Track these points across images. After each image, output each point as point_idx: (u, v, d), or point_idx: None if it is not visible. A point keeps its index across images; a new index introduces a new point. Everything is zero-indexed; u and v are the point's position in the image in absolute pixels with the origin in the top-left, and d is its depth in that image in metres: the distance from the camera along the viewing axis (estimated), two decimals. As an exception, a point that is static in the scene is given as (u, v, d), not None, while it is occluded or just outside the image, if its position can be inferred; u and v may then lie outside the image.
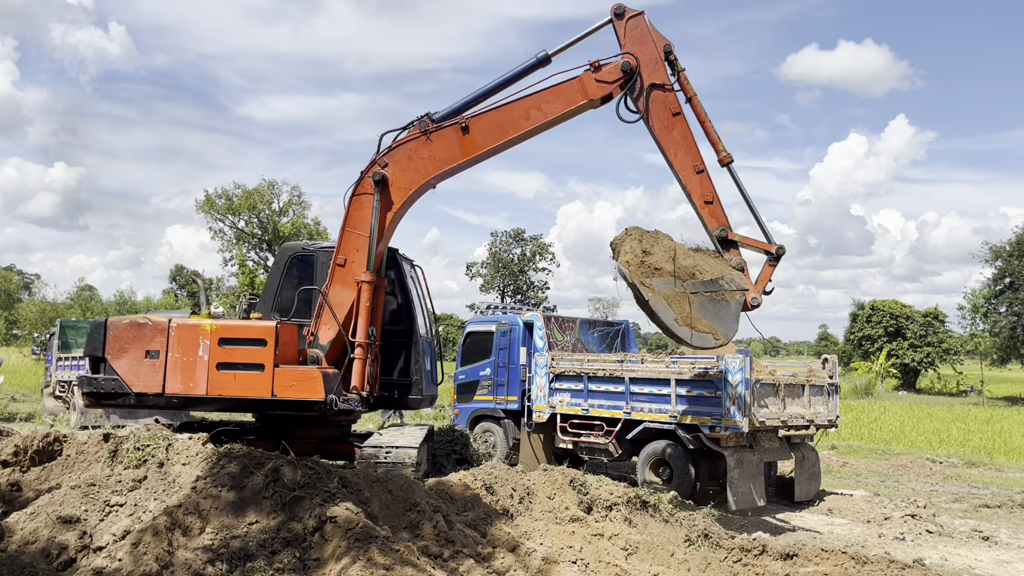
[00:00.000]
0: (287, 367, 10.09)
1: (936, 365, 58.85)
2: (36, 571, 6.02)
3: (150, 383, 10.09)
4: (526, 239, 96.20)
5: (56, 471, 7.96)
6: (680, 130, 10.15)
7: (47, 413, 24.38)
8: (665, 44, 10.13)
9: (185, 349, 10.13)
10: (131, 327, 10.21)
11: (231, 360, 10.09)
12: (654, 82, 10.05)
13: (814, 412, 13.44)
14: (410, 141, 10.40)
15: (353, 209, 10.62)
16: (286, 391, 9.98)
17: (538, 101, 10.14)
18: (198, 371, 10.10)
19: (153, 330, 10.19)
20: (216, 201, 65.70)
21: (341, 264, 10.65)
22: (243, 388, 10.08)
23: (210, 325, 10.22)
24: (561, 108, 10.13)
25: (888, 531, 11.54)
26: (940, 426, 27.70)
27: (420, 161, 10.42)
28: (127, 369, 10.08)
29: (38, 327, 59.12)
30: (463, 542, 6.93)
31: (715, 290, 9.76)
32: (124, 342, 10.15)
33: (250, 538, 6.29)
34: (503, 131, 10.18)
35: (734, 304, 9.84)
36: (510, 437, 16.21)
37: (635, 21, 10.19)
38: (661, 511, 9.50)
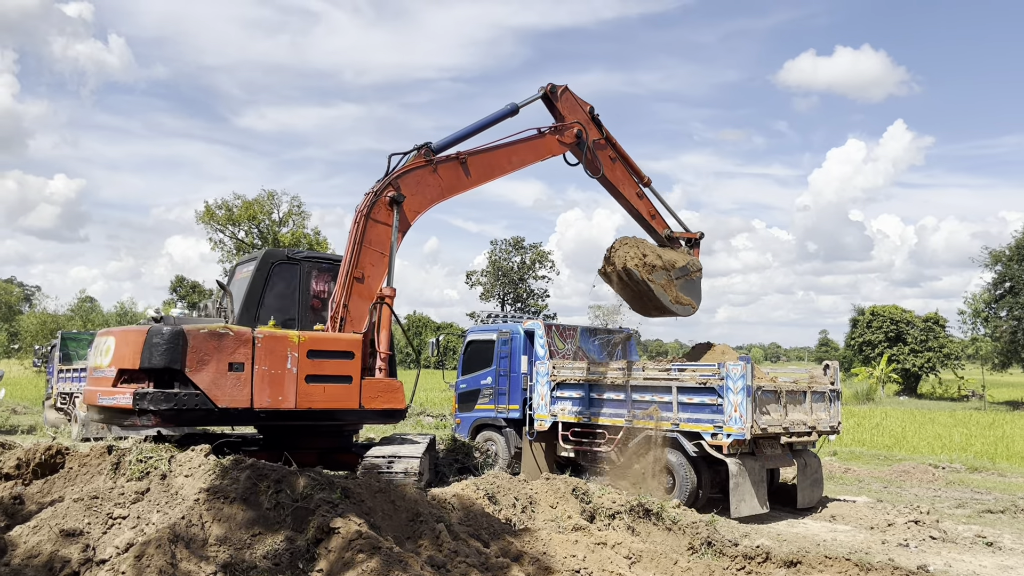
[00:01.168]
0: (371, 378, 10.30)
1: (937, 370, 58.83)
2: (39, 585, 6.01)
3: (237, 397, 9.56)
4: (526, 247, 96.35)
5: (59, 484, 7.96)
6: (620, 169, 13.45)
7: (49, 425, 24.37)
8: (589, 108, 13.14)
9: (273, 362, 9.75)
10: (211, 337, 9.53)
11: (320, 372, 10.00)
12: (594, 139, 13.03)
13: (816, 418, 13.44)
14: (417, 168, 11.41)
15: (370, 228, 11.01)
16: (372, 402, 10.23)
17: (518, 150, 12.42)
18: (287, 384, 9.79)
19: (236, 341, 9.64)
20: (216, 212, 65.82)
21: (359, 278, 10.84)
22: (332, 400, 10.06)
23: (298, 337, 10.01)
24: (532, 159, 12.73)
25: (892, 537, 11.51)
26: (942, 431, 27.67)
27: (427, 188, 11.51)
28: (210, 383, 9.41)
29: (39, 339, 59.07)
30: (466, 552, 6.92)
31: (686, 274, 13.44)
32: (205, 353, 9.45)
33: (253, 550, 6.28)
34: (491, 170, 12.25)
35: (698, 281, 13.74)
36: (512, 446, 16.19)
37: (566, 96, 12.91)
38: (664, 519, 9.49)
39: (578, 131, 12.76)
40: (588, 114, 13.03)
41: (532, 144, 12.57)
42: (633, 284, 12.76)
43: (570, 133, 12.79)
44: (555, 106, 12.82)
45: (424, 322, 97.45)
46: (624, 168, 13.45)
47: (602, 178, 13.21)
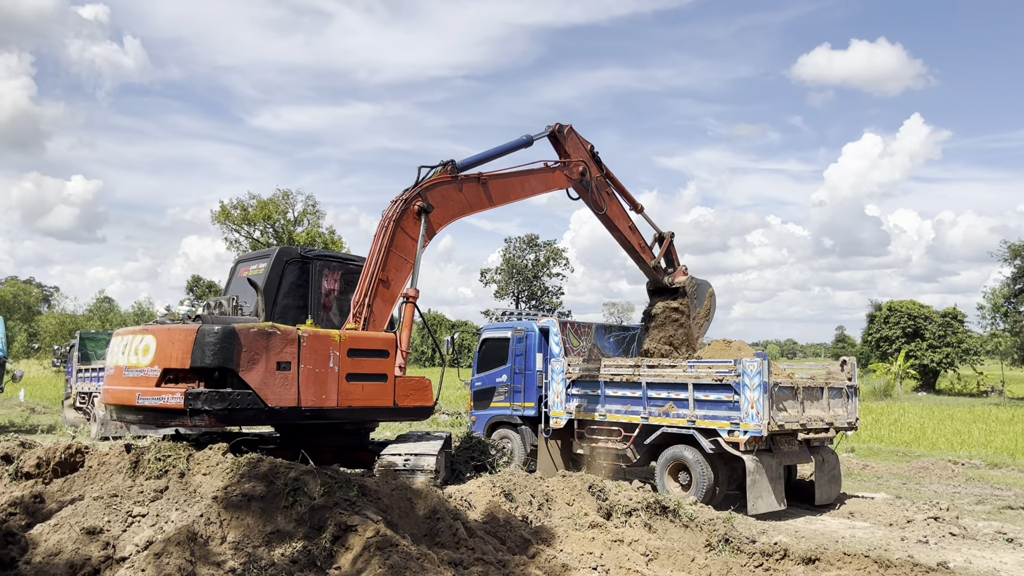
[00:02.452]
0: (404, 377, 10.49)
1: (955, 366, 58.31)
2: (60, 582, 6.07)
3: (284, 396, 9.56)
4: (540, 245, 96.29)
5: (78, 482, 8.03)
6: (615, 203, 14.61)
7: (68, 424, 24.60)
8: (590, 146, 14.24)
9: (317, 360, 9.80)
10: (261, 336, 9.52)
11: (360, 371, 10.14)
12: (595, 176, 14.07)
13: (833, 415, 13.36)
14: (444, 184, 12.03)
15: (399, 235, 11.26)
16: (406, 400, 10.43)
17: (530, 180, 13.42)
18: (329, 382, 9.87)
19: (283, 340, 9.61)
20: (231, 212, 66.21)
21: (384, 281, 10.98)
22: (370, 398, 10.22)
23: (339, 335, 10.06)
24: (542, 190, 13.81)
25: (911, 534, 11.43)
26: (961, 427, 27.44)
27: (451, 203, 12.19)
28: (260, 382, 9.42)
29: (58, 339, 59.65)
30: (483, 549, 6.92)
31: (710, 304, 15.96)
32: (255, 352, 9.44)
33: (271, 548, 6.31)
34: (505, 195, 13.12)
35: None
36: (527, 444, 16.19)
37: (571, 135, 13.89)
38: (681, 516, 9.47)
39: (583, 169, 13.79)
40: (589, 152, 14.14)
41: (543, 176, 13.63)
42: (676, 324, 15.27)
43: (576, 170, 13.83)
44: (560, 144, 13.82)
45: (439, 320, 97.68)
46: (619, 204, 14.66)
47: (603, 216, 14.32)
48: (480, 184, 12.56)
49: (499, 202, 13.02)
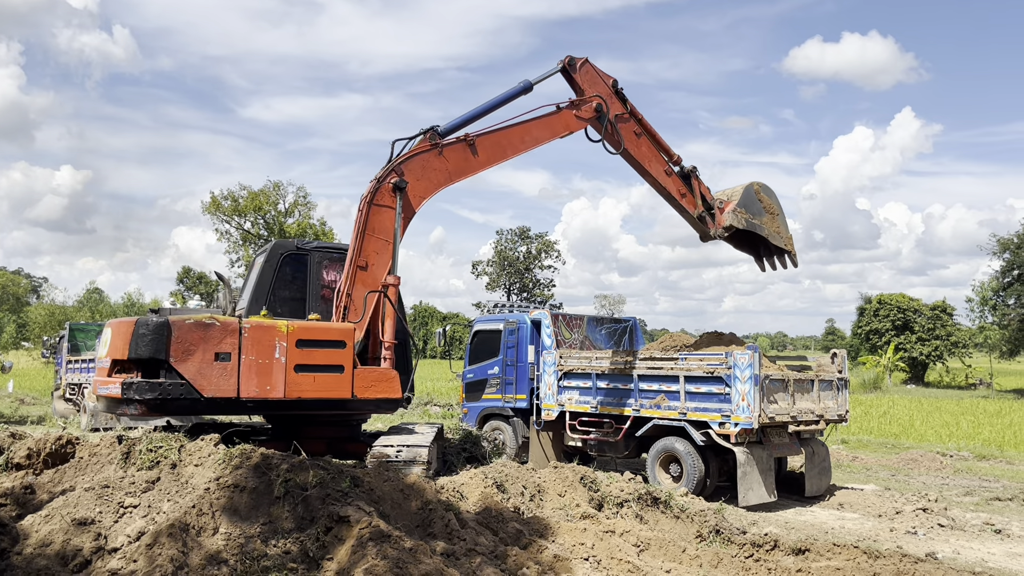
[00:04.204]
0: (364, 368, 10.21)
1: (944, 358, 58.63)
2: (52, 574, 6.06)
3: (223, 387, 9.65)
4: (531, 237, 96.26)
5: (69, 473, 8.00)
6: (645, 145, 12.71)
7: (58, 416, 24.50)
8: (612, 81, 12.44)
9: (260, 351, 9.80)
10: (197, 327, 9.66)
11: (310, 362, 9.98)
12: (616, 114, 12.34)
13: (823, 407, 13.43)
14: (422, 153, 11.13)
15: (373, 215, 10.87)
16: (366, 391, 10.14)
17: (529, 129, 11.83)
18: (275, 373, 9.84)
19: (222, 331, 9.72)
20: (222, 203, 65.90)
21: (363, 267, 10.80)
22: (323, 390, 10.03)
23: (286, 326, 10.02)
24: (548, 136, 12.07)
25: (900, 525, 11.52)
26: (950, 419, 27.62)
27: (433, 172, 11.24)
28: (196, 373, 9.55)
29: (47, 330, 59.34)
30: (475, 540, 6.94)
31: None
32: (190, 344, 9.59)
33: (264, 539, 6.31)
34: (503, 151, 11.71)
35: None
36: (519, 435, 16.22)
37: (585, 68, 12.23)
38: (672, 507, 9.51)
39: (597, 104, 12.07)
40: (611, 87, 12.37)
41: (547, 121, 12.01)
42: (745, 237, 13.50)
43: (588, 107, 12.11)
44: (574, 80, 12.20)
45: (430, 312, 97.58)
46: (651, 144, 12.72)
47: (625, 153, 12.42)
48: (466, 145, 11.39)
49: (493, 160, 11.71)
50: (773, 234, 13.31)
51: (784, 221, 13.53)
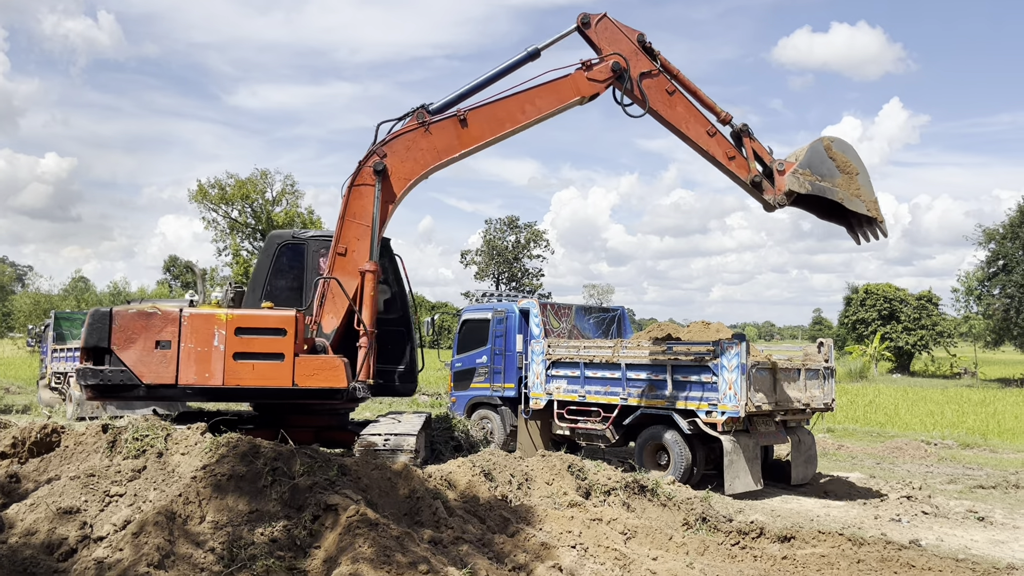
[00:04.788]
0: (307, 356, 10.10)
1: (930, 348, 59.05)
2: (38, 563, 6.02)
3: (162, 374, 9.91)
4: (520, 226, 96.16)
5: (55, 462, 7.96)
6: (682, 104, 10.99)
7: (43, 405, 24.35)
8: (638, 35, 10.97)
9: (199, 339, 9.94)
10: (139, 317, 9.99)
11: (249, 350, 9.99)
12: (641, 72, 10.80)
13: (810, 396, 13.50)
14: (408, 132, 10.56)
15: (353, 199, 10.65)
16: (308, 380, 10.00)
17: (532, 97, 10.61)
18: (214, 361, 9.94)
19: (163, 320, 9.97)
20: (209, 191, 65.41)
21: (342, 253, 10.67)
22: (262, 378, 10.00)
23: (225, 315, 10.07)
24: (554, 104, 10.70)
25: (884, 513, 11.61)
26: (934, 408, 27.84)
27: (419, 152, 10.59)
28: (136, 360, 9.88)
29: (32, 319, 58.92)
30: (462, 528, 6.96)
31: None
32: (132, 332, 9.92)
33: (251, 527, 6.30)
34: (499, 124, 10.59)
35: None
36: (507, 424, 16.25)
37: (603, 24, 10.96)
38: (659, 495, 9.56)
39: (614, 64, 10.71)
40: (636, 43, 10.92)
41: (552, 86, 10.73)
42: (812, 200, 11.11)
43: (603, 68, 10.75)
44: (590, 39, 10.95)
45: (419, 301, 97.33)
46: (688, 104, 11.04)
47: (654, 114, 10.92)
48: (457, 121, 10.51)
49: (488, 135, 10.65)
50: (850, 198, 10.89)
51: (867, 182, 11.05)
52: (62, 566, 6.05)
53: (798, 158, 10.95)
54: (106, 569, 5.84)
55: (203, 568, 5.85)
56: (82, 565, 5.98)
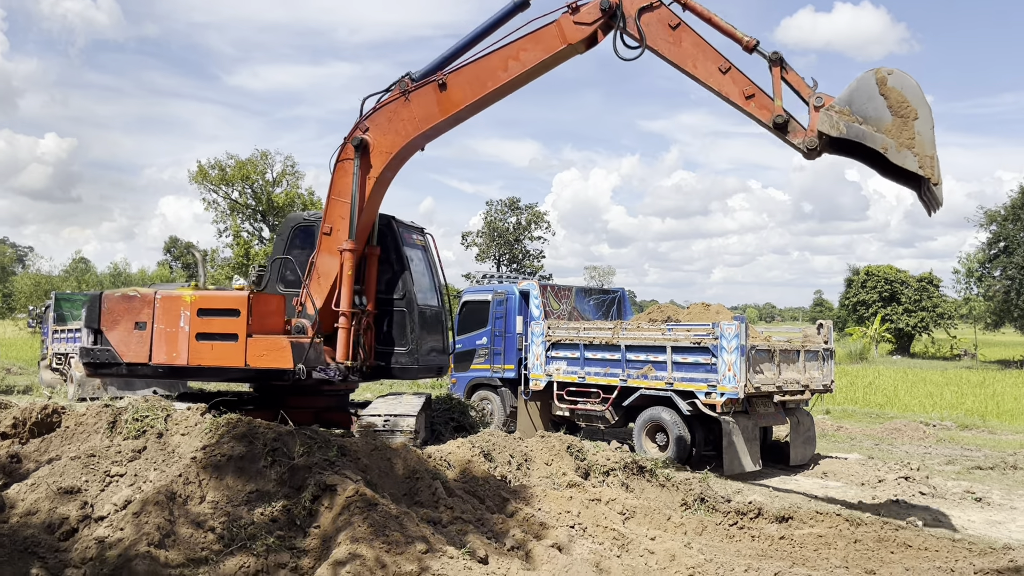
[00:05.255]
0: (260, 337, 10.28)
1: (930, 330, 59.14)
2: (39, 542, 6.06)
3: (139, 353, 10.50)
4: (521, 208, 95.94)
5: (55, 442, 7.98)
6: (689, 39, 9.25)
7: (45, 385, 24.42)
8: None
9: (169, 320, 10.43)
10: (122, 299, 10.69)
11: (209, 330, 10.34)
12: (641, 6, 9.27)
13: (809, 377, 13.53)
14: (390, 103, 10.17)
15: (337, 176, 10.51)
16: (258, 360, 10.22)
17: (515, 50, 9.45)
18: (180, 341, 10.37)
19: (141, 302, 10.59)
20: (209, 172, 65.19)
21: (327, 233, 10.64)
22: (219, 358, 10.31)
23: (190, 296, 10.49)
24: (540, 56, 9.37)
25: (882, 493, 11.66)
26: (934, 390, 27.90)
27: (400, 123, 10.12)
28: (119, 340, 10.57)
29: (33, 300, 58.98)
30: (462, 508, 6.99)
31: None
32: (116, 314, 10.61)
33: (251, 507, 6.33)
34: (481, 85, 9.61)
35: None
36: (507, 405, 16.30)
37: None
38: (658, 476, 9.59)
39: (603, 1, 9.28)
40: None
41: (536, 36, 9.48)
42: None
43: (591, 8, 9.33)
44: None
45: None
46: (696, 39, 9.26)
47: (654, 52, 9.31)
48: (436, 87, 9.76)
49: (469, 97, 9.70)
50: (898, 148, 8.29)
51: (928, 130, 8.37)
52: (63, 545, 6.08)
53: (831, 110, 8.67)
54: (107, 548, 5.86)
55: (203, 547, 5.89)
56: (83, 544, 6.01)
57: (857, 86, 8.53)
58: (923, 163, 8.27)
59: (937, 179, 8.34)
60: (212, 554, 5.84)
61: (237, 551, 5.83)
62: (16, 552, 5.87)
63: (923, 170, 8.27)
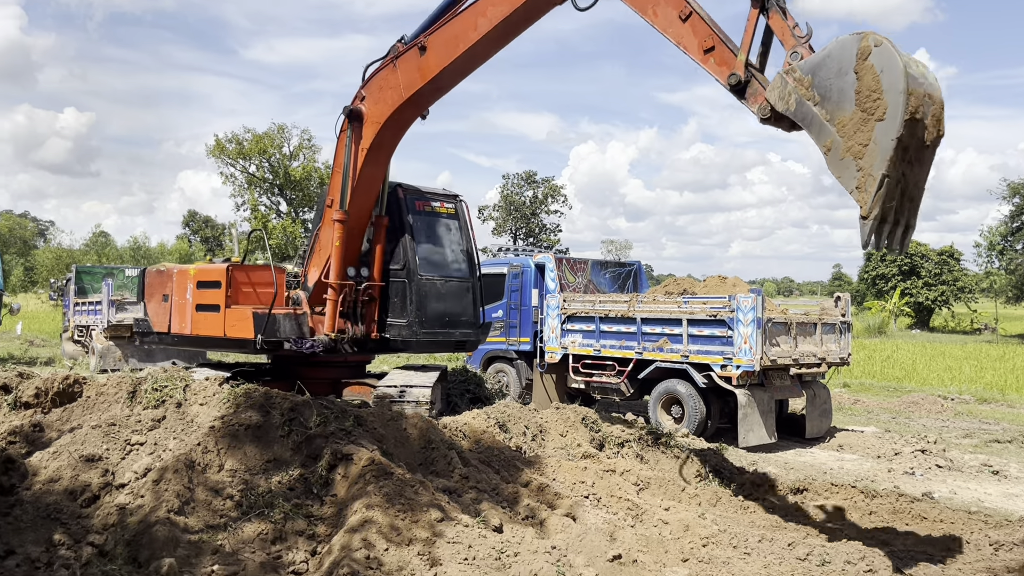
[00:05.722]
0: (235, 308, 10.77)
1: (950, 303, 58.65)
2: (61, 508, 6.16)
3: (164, 323, 11.49)
4: (538, 181, 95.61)
5: (77, 412, 8.10)
6: None
7: (67, 357, 24.74)
8: None
9: (180, 293, 11.28)
10: (156, 274, 11.89)
11: (204, 302, 11.04)
12: None
13: (826, 350, 13.47)
14: (382, 71, 9.77)
15: (338, 148, 10.41)
16: (232, 330, 10.74)
17: (484, 6, 8.46)
18: (187, 312, 11.19)
19: (167, 276, 11.52)
20: (226, 146, 65.35)
21: (329, 205, 10.63)
22: (210, 328, 10.92)
23: (194, 270, 11.26)
24: (506, 10, 8.25)
25: (898, 466, 11.64)
26: (952, 364, 27.71)
27: (388, 91, 9.69)
28: (153, 311, 11.81)
29: (55, 273, 59.58)
30: (477, 478, 7.04)
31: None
32: (152, 287, 11.81)
33: (268, 475, 6.41)
34: (454, 46, 8.79)
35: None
36: (523, 378, 16.36)
37: None
38: (672, 448, 9.62)
39: None
40: None
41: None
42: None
43: None
44: None
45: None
46: None
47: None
48: (418, 51, 9.14)
49: (444, 60, 8.93)
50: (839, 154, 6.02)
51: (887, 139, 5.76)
52: (85, 511, 6.18)
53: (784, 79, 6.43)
54: (128, 514, 5.96)
55: (221, 514, 5.97)
56: (105, 511, 6.11)
57: (831, 52, 6.11)
58: (861, 183, 5.91)
59: (866, 211, 5.87)
60: (230, 521, 5.92)
61: (255, 518, 5.92)
62: (39, 518, 5.98)
63: (857, 192, 5.95)
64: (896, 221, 6.04)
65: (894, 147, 5.63)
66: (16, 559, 5.43)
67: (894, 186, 5.84)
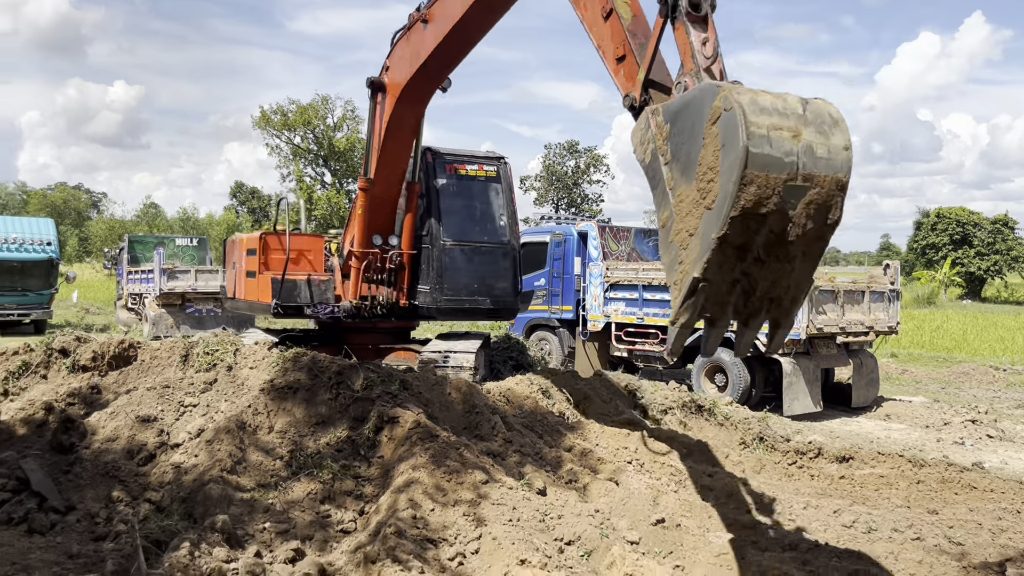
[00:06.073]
0: (265, 273, 11.24)
1: (1004, 273, 57.20)
2: (119, 466, 6.38)
3: (231, 289, 12.55)
4: (580, 151, 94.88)
5: (132, 375, 8.34)
6: None
7: (121, 324, 25.40)
8: None
9: (238, 259, 12.13)
10: (233, 244, 12.81)
11: (250, 269, 11.64)
12: None
13: (874, 318, 13.27)
14: (401, 40, 9.43)
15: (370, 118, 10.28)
16: (260, 296, 11.33)
17: None
18: (240, 278, 12.00)
19: (235, 244, 12.51)
20: (272, 117, 65.92)
21: (364, 174, 10.64)
22: (251, 293, 11.57)
23: (246, 238, 11.92)
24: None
25: (947, 436, 11.47)
26: (1005, 334, 27.09)
27: (402, 60, 9.39)
28: (228, 277, 12.87)
29: (108, 243, 60.98)
30: (520, 442, 7.11)
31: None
32: (230, 256, 12.91)
33: (316, 437, 6.55)
34: (446, 21, 8.17)
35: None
36: (565, 346, 16.40)
37: None
38: (716, 415, 9.59)
39: None
40: None
41: None
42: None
43: None
44: None
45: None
46: None
47: None
48: (422, 22, 8.78)
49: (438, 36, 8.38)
50: (666, 240, 4.78)
51: (711, 233, 4.24)
52: (142, 469, 6.40)
53: (647, 105, 5.28)
54: (183, 473, 6.16)
55: (272, 474, 6.13)
56: (161, 469, 6.32)
57: (691, 101, 4.57)
58: (677, 280, 4.70)
59: (672, 316, 4.82)
60: (280, 480, 6.08)
61: (304, 478, 6.07)
62: (98, 475, 6.20)
63: (673, 288, 4.78)
64: (745, 324, 5.02)
65: (714, 247, 4.23)
66: (77, 514, 5.66)
67: (724, 291, 4.62)
